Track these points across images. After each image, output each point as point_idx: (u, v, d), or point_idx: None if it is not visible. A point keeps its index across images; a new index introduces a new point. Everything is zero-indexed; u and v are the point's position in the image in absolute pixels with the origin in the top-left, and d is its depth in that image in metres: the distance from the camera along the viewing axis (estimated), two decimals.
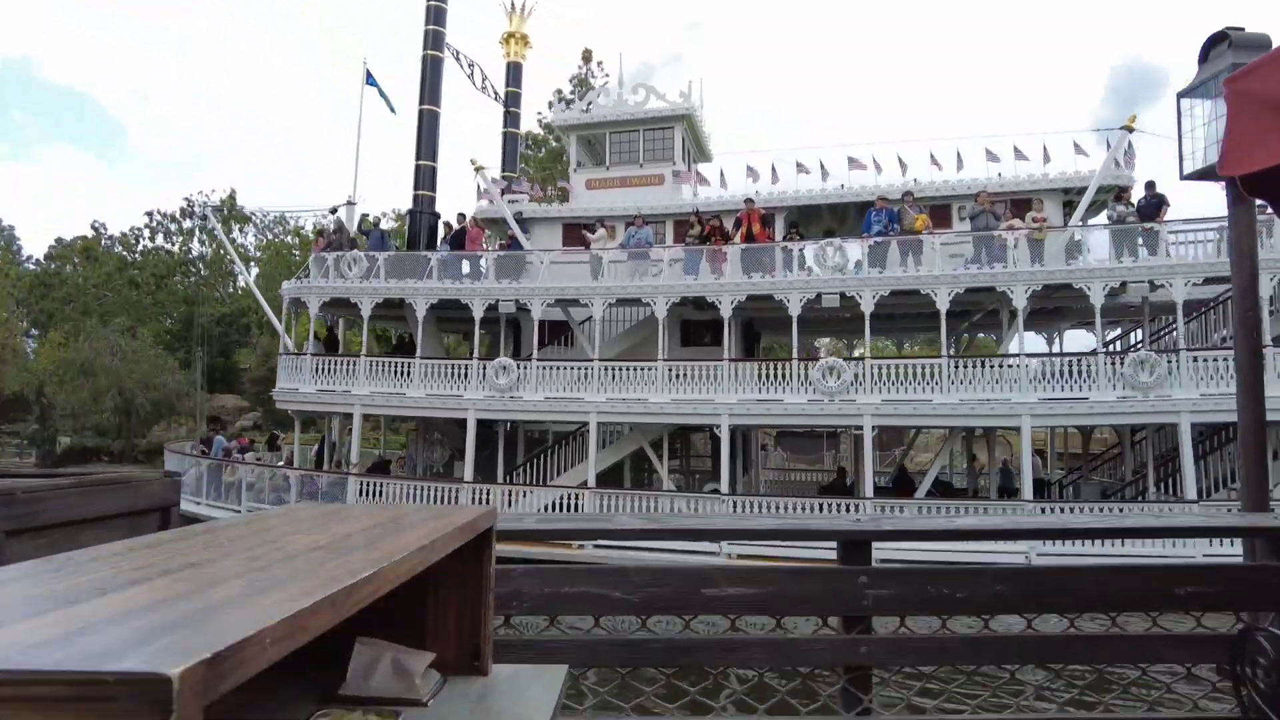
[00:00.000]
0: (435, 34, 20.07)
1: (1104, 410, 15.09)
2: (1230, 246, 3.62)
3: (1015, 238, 15.88)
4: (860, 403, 15.85)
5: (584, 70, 46.76)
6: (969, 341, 22.67)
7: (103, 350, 46.18)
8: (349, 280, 18.71)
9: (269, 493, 18.21)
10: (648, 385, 16.87)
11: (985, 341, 22.80)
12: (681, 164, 20.01)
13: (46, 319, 54.65)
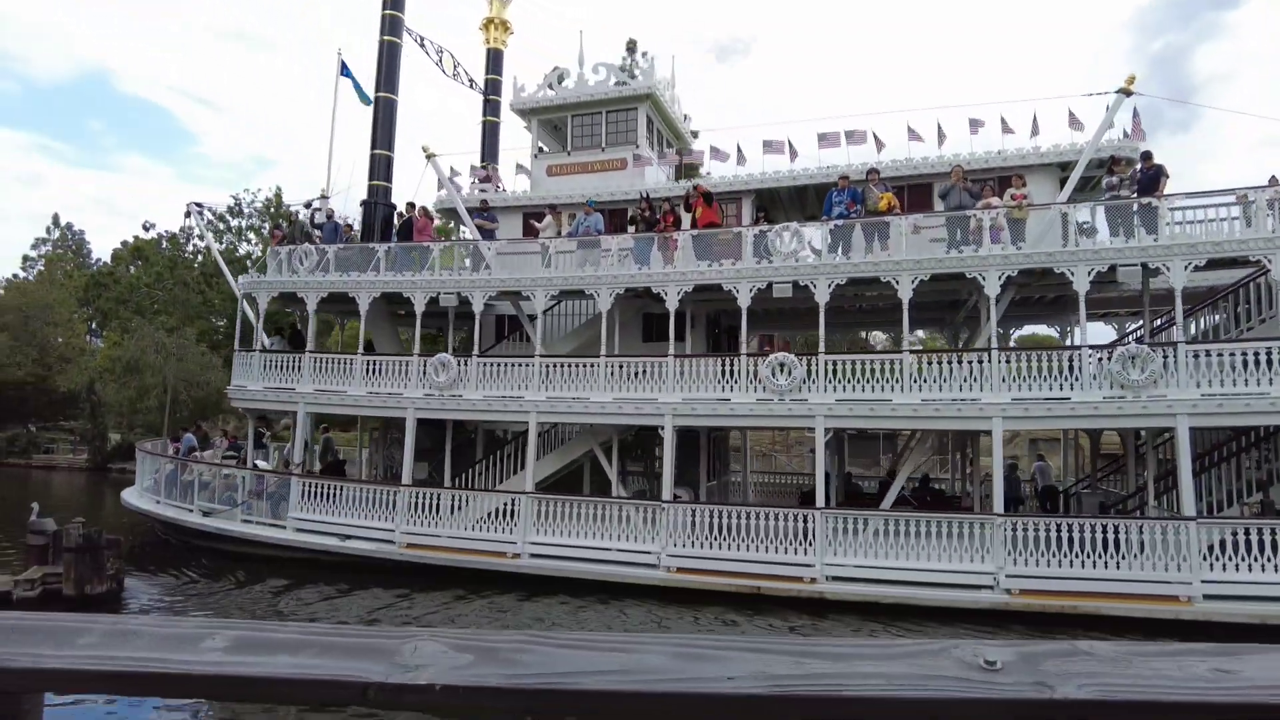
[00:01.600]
0: (393, 19, 19.32)
1: (1087, 412, 13.24)
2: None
3: (991, 217, 14.15)
4: (813, 402, 14.38)
5: (628, 60, 45.89)
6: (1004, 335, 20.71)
7: (148, 348, 47.66)
8: (299, 274, 18.20)
9: (221, 492, 17.86)
10: (590, 383, 15.76)
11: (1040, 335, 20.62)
12: (646, 147, 18.78)
13: (103, 318, 56.91)
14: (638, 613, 13.28)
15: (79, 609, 11.65)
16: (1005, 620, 12.54)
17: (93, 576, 12.98)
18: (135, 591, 14.21)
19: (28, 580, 12.75)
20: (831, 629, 12.42)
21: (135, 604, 13.45)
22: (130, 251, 60.29)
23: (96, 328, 60.21)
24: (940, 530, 13.41)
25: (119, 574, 13.69)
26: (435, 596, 14.21)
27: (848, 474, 20.26)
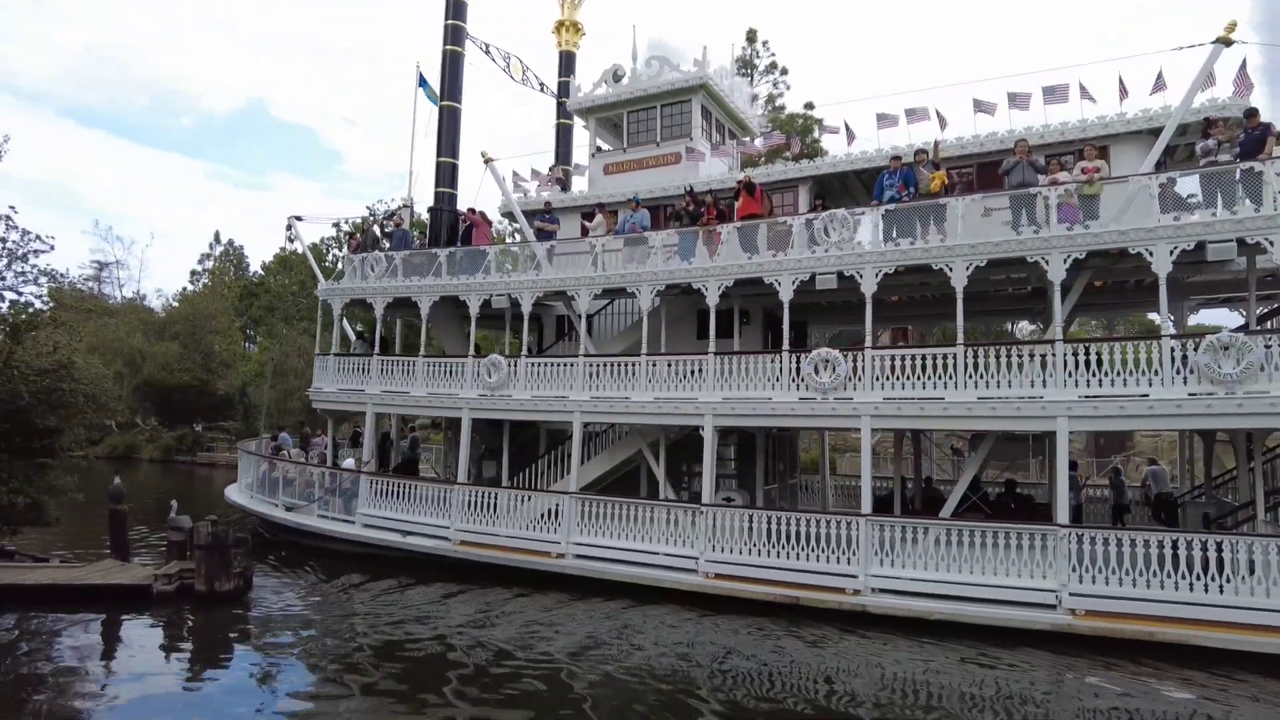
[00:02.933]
0: (455, 29, 19.79)
1: (1168, 411, 11.58)
2: None
3: (1059, 194, 12.71)
4: (858, 401, 13.45)
5: (748, 51, 45.19)
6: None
7: (291, 352, 51.59)
8: (369, 281, 19.00)
9: (302, 489, 18.96)
10: (631, 383, 15.48)
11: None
12: (701, 138, 18.24)
13: (254, 325, 62.12)
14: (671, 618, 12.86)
15: (208, 605, 12.88)
16: (1066, 644, 11.23)
17: (221, 574, 13.27)
18: (262, 589, 14.48)
19: (165, 575, 13.31)
20: (871, 646, 11.54)
21: (262, 602, 13.66)
22: (277, 262, 65.51)
23: (252, 334, 65.85)
24: (995, 541, 12.19)
25: (246, 572, 13.92)
26: (482, 596, 14.39)
27: (927, 478, 18.87)
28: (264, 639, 11.76)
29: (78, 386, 17.26)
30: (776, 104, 43.89)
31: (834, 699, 9.44)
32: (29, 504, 15.67)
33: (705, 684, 9.85)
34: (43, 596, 12.81)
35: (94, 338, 52.37)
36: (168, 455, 50.05)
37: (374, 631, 11.98)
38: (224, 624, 12.33)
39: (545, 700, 9.26)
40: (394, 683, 9.79)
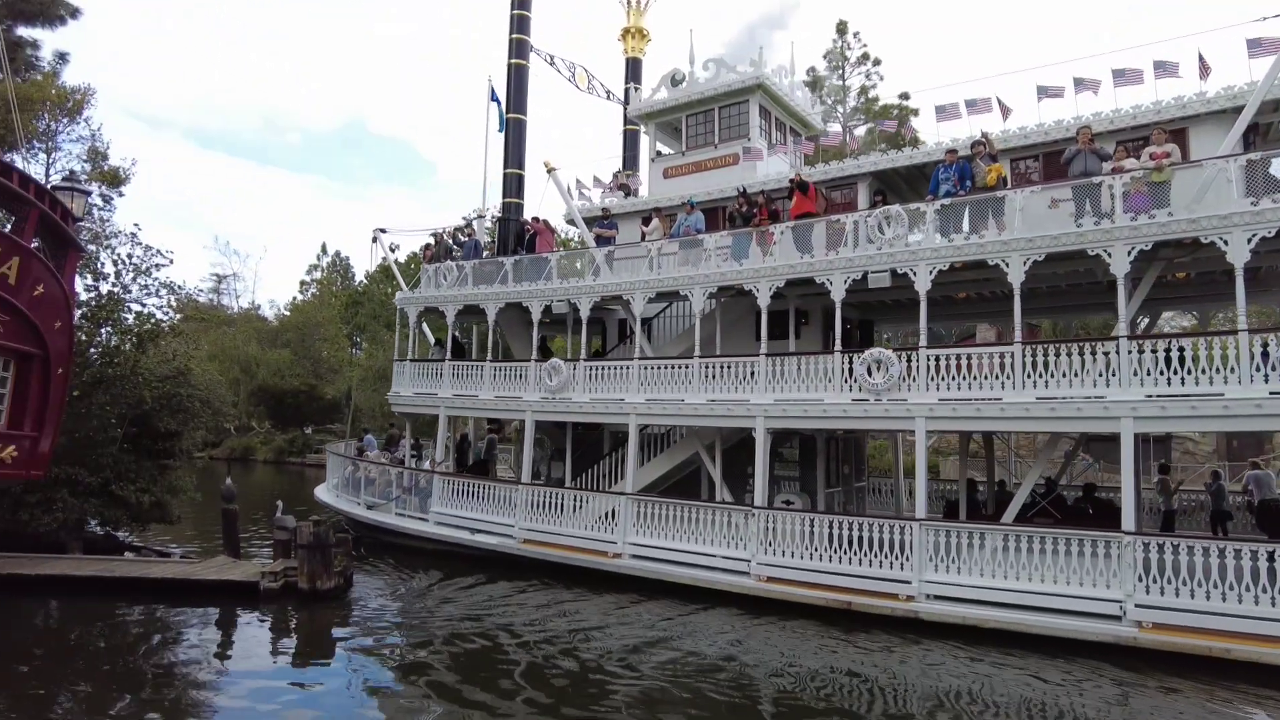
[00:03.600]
0: (519, 43, 20.40)
1: (1247, 411, 10.78)
2: None
3: (1124, 182, 12.04)
4: (912, 402, 13.12)
5: (838, 44, 44.63)
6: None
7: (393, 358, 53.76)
8: (441, 289, 19.82)
9: (379, 488, 19.94)
10: (684, 385, 15.59)
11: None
12: (760, 138, 18.14)
13: (359, 332, 65.35)
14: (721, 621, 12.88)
15: (311, 603, 13.33)
16: (1131, 658, 10.65)
17: (322, 572, 13.61)
18: (363, 588, 14.83)
19: (271, 573, 13.79)
20: (924, 656, 11.25)
21: (361, 601, 14.00)
22: (380, 271, 68.66)
23: (358, 341, 69.30)
24: (1056, 548, 11.67)
25: (346, 571, 14.26)
26: (548, 594, 14.81)
27: (1000, 482, 18.13)
28: (361, 637, 12.07)
29: (194, 392, 18.69)
30: (870, 95, 43.00)
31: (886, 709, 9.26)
32: (154, 502, 16.99)
33: (760, 689, 9.84)
34: (165, 589, 13.65)
35: (213, 346, 56.27)
36: (280, 457, 53.14)
37: (467, 632, 12.16)
38: (325, 622, 12.73)
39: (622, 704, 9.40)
40: (482, 684, 9.91)
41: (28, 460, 10.88)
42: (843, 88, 43.93)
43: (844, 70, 44.19)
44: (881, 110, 40.13)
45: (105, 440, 16.37)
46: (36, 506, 15.26)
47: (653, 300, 16.62)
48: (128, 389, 16.56)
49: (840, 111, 43.50)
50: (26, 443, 10.69)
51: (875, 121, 37.79)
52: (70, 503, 15.51)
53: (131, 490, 16.34)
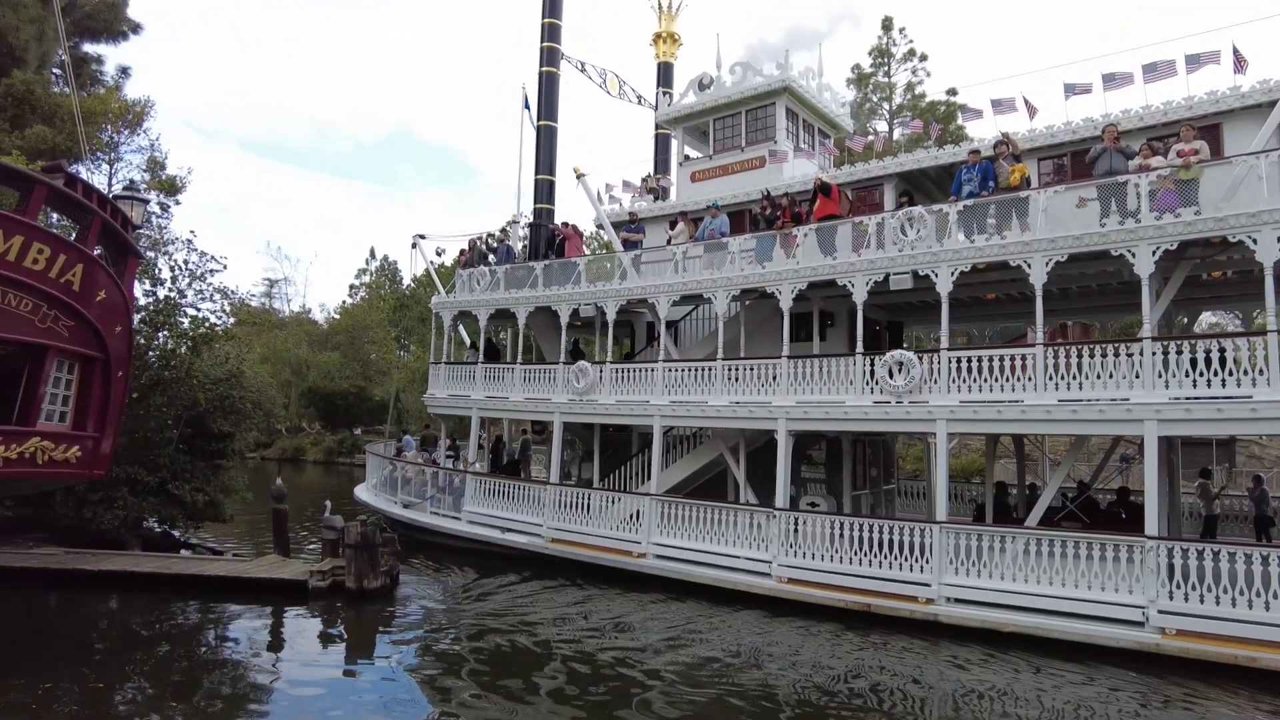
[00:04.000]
0: (550, 51, 20.77)
1: (1275, 414, 10.52)
2: None
3: (1151, 181, 11.85)
4: (933, 405, 13.08)
5: (883, 40, 44.02)
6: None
7: None
8: (475, 294, 20.28)
9: (415, 487, 20.48)
10: (707, 388, 15.73)
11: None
12: (786, 140, 18.18)
13: (407, 335, 66.71)
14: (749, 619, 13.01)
15: (358, 601, 13.48)
16: (1153, 665, 10.47)
17: (369, 571, 13.77)
18: (407, 586, 14.98)
19: (320, 572, 14.00)
20: (942, 657, 11.22)
21: (408, 600, 14.18)
22: (427, 275, 69.86)
23: (405, 343, 70.73)
24: (1078, 553, 11.53)
25: (393, 570, 14.41)
26: (572, 593, 15.10)
27: (1031, 485, 17.84)
28: (407, 635, 12.24)
29: (246, 394, 19.22)
30: (916, 91, 42.22)
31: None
32: (208, 501, 17.52)
33: (781, 690, 9.92)
34: (218, 586, 14.01)
35: (265, 349, 57.96)
36: (330, 457, 54.49)
37: (506, 629, 12.30)
38: (371, 620, 12.92)
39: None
40: (523, 680, 10.06)
41: (90, 460, 11.15)
42: (889, 84, 43.21)
43: (889, 67, 43.54)
44: (928, 106, 39.37)
45: (162, 441, 16.91)
46: (99, 505, 15.84)
47: (677, 303, 16.79)
48: (183, 391, 17.06)
49: (886, 108, 42.86)
50: (89, 443, 10.98)
51: (900, 121, 37.15)
52: (130, 501, 16.05)
53: (187, 489, 16.87)
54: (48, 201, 9.90)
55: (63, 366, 10.34)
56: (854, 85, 42.73)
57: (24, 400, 9.76)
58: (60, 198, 9.95)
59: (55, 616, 12.87)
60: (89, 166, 31.03)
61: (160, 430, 16.79)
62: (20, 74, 31.70)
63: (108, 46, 39.14)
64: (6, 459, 9.51)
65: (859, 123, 37.65)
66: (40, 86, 32.35)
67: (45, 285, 9.42)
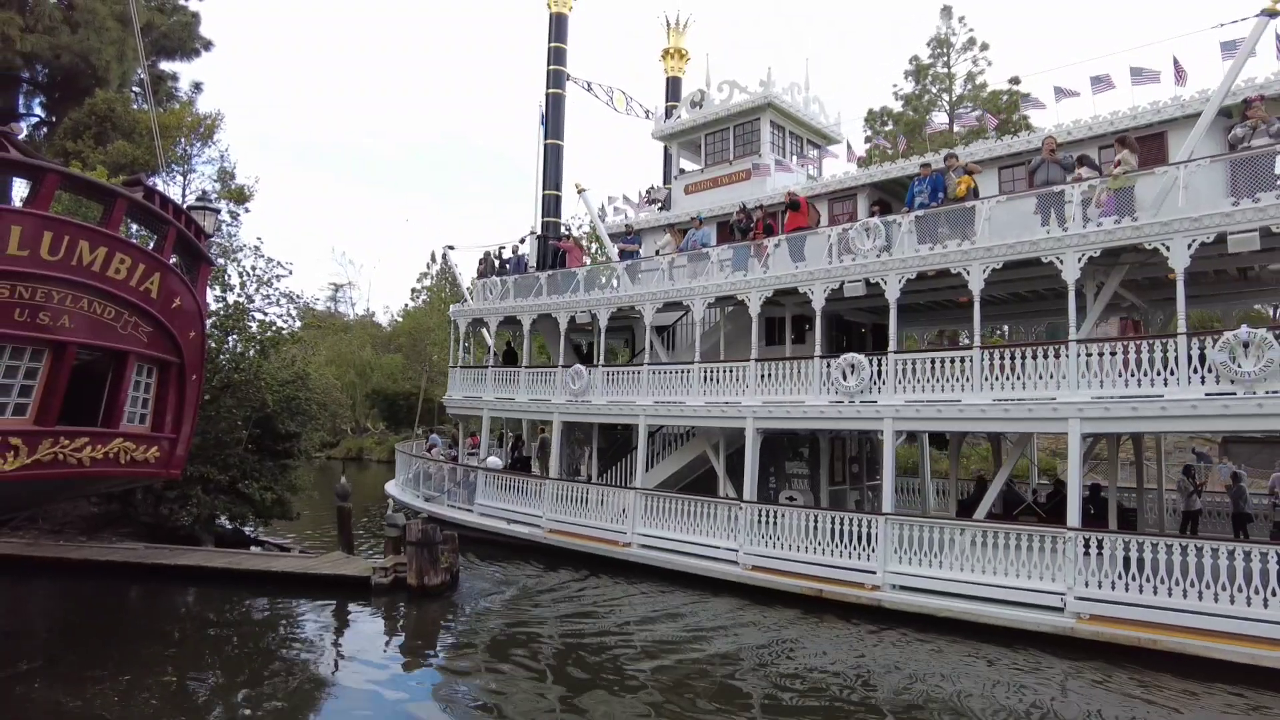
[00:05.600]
0: (556, 73, 22.17)
1: (1183, 412, 11.12)
2: None
3: (1082, 190, 12.49)
4: (881, 404, 13.94)
5: (943, 30, 43.52)
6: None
7: None
8: (487, 303, 21.83)
9: (435, 482, 22.15)
10: (686, 389, 16.85)
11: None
12: (770, 154, 19.13)
13: (467, 337, 68.88)
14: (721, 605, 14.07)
15: (419, 598, 13.77)
16: (1068, 648, 11.17)
17: (430, 569, 14.04)
18: (467, 583, 15.30)
19: (382, 568, 14.37)
20: (880, 641, 12.11)
21: (467, 597, 14.49)
22: None
23: (466, 346, 73.13)
24: (1008, 543, 12.27)
25: (452, 568, 14.64)
26: (564, 576, 16.41)
27: (1009, 482, 18.29)
28: (464, 631, 12.60)
29: (312, 396, 20.16)
30: (977, 81, 41.02)
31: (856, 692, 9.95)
32: (276, 500, 18.16)
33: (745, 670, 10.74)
34: (286, 581, 14.46)
35: (331, 351, 60.96)
36: (392, 457, 57.03)
37: (565, 635, 12.37)
38: (432, 616, 13.27)
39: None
40: (577, 678, 10.28)
41: (168, 460, 11.42)
42: (948, 75, 42.25)
43: (949, 57, 42.54)
44: (990, 96, 38.43)
45: (232, 441, 17.55)
46: (174, 502, 16.70)
47: (662, 310, 17.94)
48: (252, 393, 17.69)
49: (946, 99, 42.01)
50: (167, 444, 11.29)
51: (960, 112, 36.38)
52: (203, 499, 16.81)
53: (256, 488, 17.48)
54: (128, 213, 10.15)
55: (142, 371, 10.64)
56: (911, 77, 41.59)
57: (108, 403, 10.08)
58: (140, 209, 10.21)
59: (137, 608, 13.77)
60: (165, 178, 33.05)
61: (230, 431, 17.42)
62: (103, 93, 33.92)
63: (181, 64, 41.52)
64: (94, 458, 9.84)
65: (919, 115, 37.43)
66: (121, 104, 34.29)
67: (126, 293, 9.66)
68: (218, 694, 9.66)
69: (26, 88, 39.19)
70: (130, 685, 9.57)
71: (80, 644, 11.21)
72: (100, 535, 16.79)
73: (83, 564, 14.92)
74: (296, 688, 9.87)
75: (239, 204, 35.59)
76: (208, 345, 14.73)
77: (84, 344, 9.30)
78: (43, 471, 9.09)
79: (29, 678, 9.71)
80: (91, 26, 35.85)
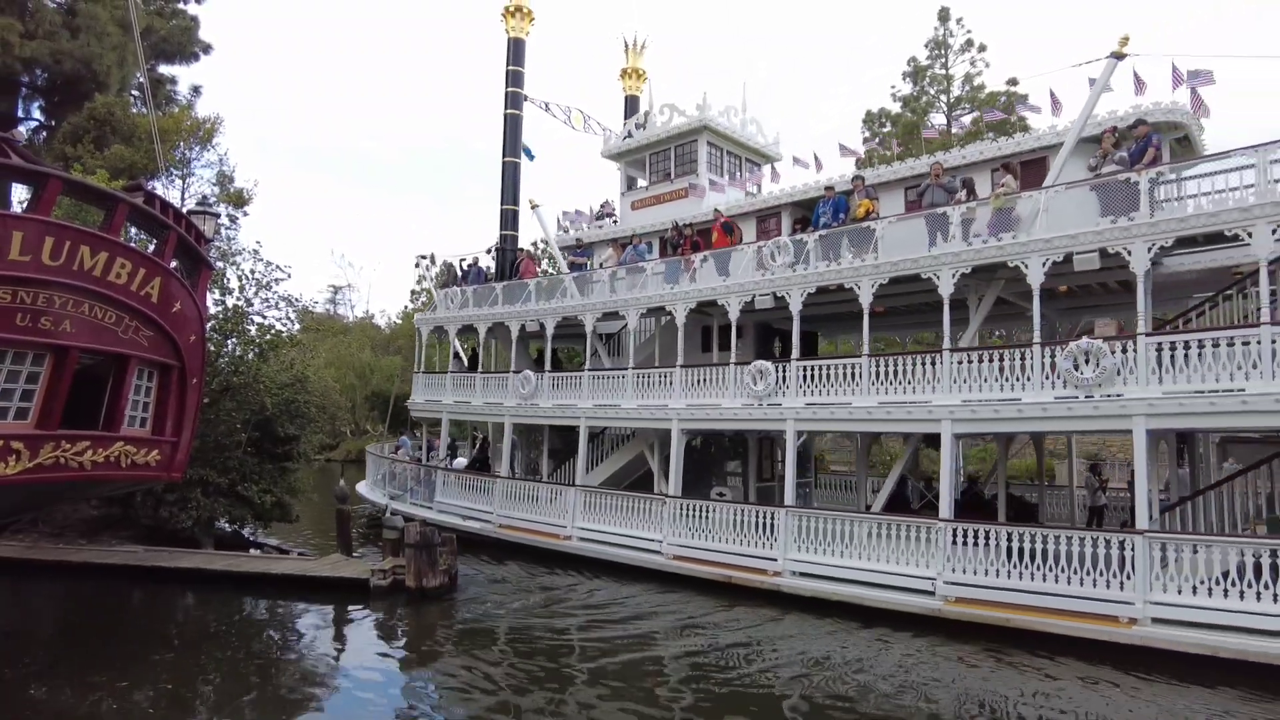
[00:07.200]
0: (514, 95, 23.54)
1: (1036, 414, 12.38)
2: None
3: (962, 211, 13.76)
4: (785, 406, 15.23)
5: (941, 31, 43.78)
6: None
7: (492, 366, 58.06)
8: (448, 311, 23.20)
9: (400, 482, 23.49)
10: (620, 393, 18.16)
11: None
12: (706, 174, 20.45)
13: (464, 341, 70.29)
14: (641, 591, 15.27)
15: (418, 600, 13.93)
16: (935, 628, 12.41)
17: (428, 570, 14.18)
18: (466, 585, 15.39)
19: (381, 570, 14.45)
20: (776, 625, 13.34)
21: (465, 599, 14.62)
22: None
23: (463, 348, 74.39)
24: (890, 533, 13.53)
25: (451, 569, 14.75)
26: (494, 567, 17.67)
27: (971, 478, 19.55)
28: (460, 634, 12.64)
29: (311, 399, 20.34)
30: (975, 83, 40.92)
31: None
32: (275, 502, 18.29)
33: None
34: (285, 584, 14.61)
35: (330, 354, 62.09)
36: None
37: (564, 634, 12.60)
38: (431, 618, 13.38)
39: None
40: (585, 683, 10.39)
41: (168, 463, 11.40)
42: (946, 76, 41.70)
43: (947, 59, 42.78)
44: (988, 98, 38.15)
45: (232, 444, 17.58)
46: (174, 505, 16.69)
47: (603, 320, 19.25)
48: (251, 396, 17.74)
49: (944, 101, 41.66)
50: (167, 447, 11.24)
51: (958, 114, 36.57)
52: (203, 502, 16.78)
53: (255, 491, 17.50)
54: (129, 218, 10.13)
55: (143, 375, 10.60)
56: (909, 79, 41.79)
57: (109, 407, 10.12)
58: (140, 214, 10.20)
59: (136, 611, 13.91)
60: (164, 182, 33.17)
61: (230, 434, 17.47)
62: (102, 98, 34.19)
63: (181, 67, 41.40)
64: (95, 462, 9.83)
65: (916, 117, 38.13)
66: (120, 108, 34.43)
67: (127, 298, 9.60)
68: (217, 696, 9.75)
69: (25, 92, 39.32)
70: (130, 687, 9.71)
71: (80, 646, 11.46)
72: (100, 538, 17.07)
73: (83, 566, 15.15)
74: (295, 690, 9.97)
75: (238, 208, 35.92)
76: (207, 349, 14.53)
77: (85, 348, 9.26)
78: (44, 475, 9.09)
79: (30, 679, 9.82)
80: (93, 32, 36.06)
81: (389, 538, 15.37)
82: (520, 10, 23.79)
